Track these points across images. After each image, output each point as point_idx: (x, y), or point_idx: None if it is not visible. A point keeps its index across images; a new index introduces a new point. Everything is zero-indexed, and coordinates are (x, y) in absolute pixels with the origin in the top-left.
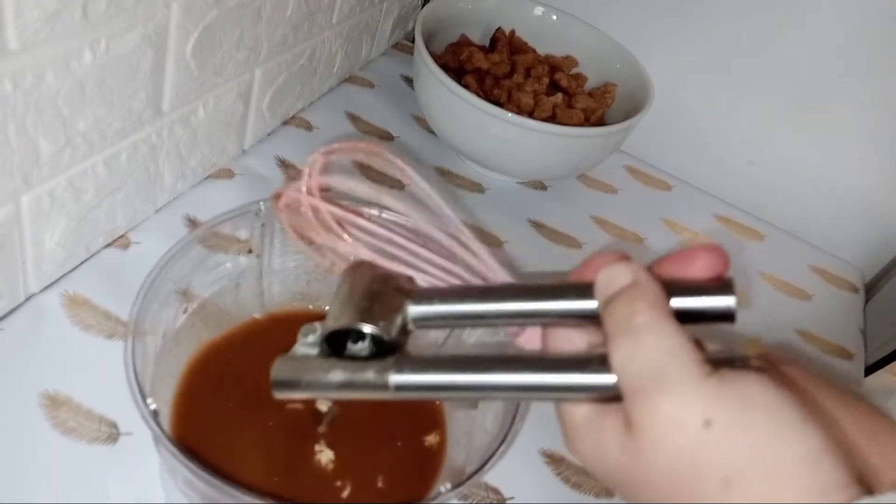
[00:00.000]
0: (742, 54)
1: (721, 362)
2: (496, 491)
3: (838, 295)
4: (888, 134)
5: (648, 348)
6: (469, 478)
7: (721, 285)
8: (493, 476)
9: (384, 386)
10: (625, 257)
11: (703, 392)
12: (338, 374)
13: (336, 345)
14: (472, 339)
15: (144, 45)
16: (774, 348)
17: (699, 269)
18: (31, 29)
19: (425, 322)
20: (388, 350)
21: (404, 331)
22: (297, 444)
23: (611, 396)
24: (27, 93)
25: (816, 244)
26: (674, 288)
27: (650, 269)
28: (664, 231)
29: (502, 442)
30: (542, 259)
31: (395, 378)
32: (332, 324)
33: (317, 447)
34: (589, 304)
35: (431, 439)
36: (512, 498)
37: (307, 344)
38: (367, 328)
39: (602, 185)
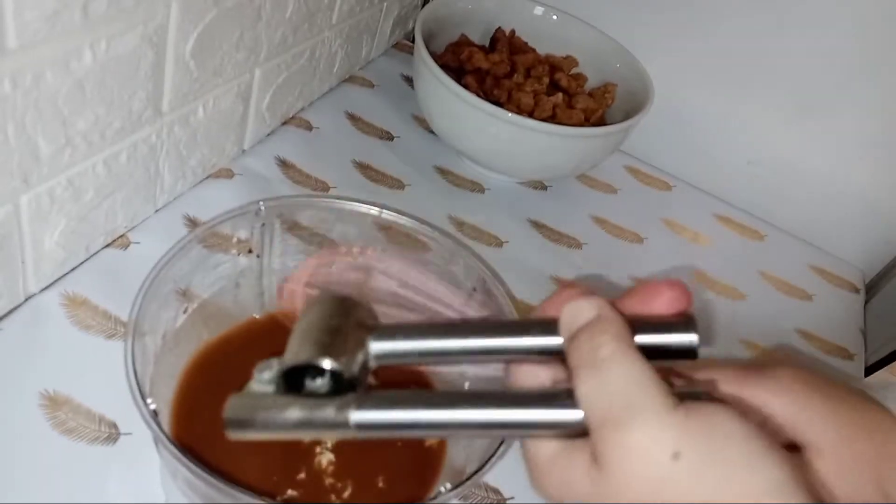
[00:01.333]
0: (742, 54)
1: (684, 396)
2: (496, 491)
3: (838, 295)
4: (888, 134)
5: (614, 380)
6: (469, 478)
7: (684, 321)
8: (493, 476)
9: (344, 424)
10: (588, 293)
11: (670, 423)
12: (295, 412)
13: (294, 382)
14: (471, 372)
15: (144, 46)
16: (775, 349)
17: (662, 304)
18: (30, 29)
19: (387, 358)
20: (348, 387)
21: (365, 367)
22: (296, 443)
23: (577, 432)
24: (27, 92)
25: (817, 244)
26: (637, 324)
27: (613, 304)
28: (664, 231)
29: (502, 442)
30: (542, 259)
31: (356, 416)
32: (290, 359)
33: (317, 448)
34: (554, 340)
35: (431, 440)
36: (512, 498)
37: (263, 381)
38: (327, 363)
39: (602, 185)
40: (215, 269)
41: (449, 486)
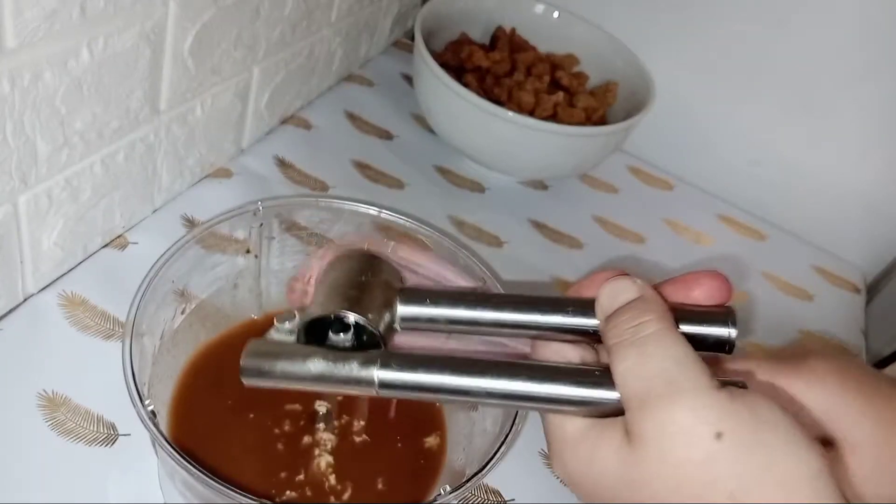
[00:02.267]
0: (744, 53)
1: (723, 383)
2: (496, 493)
3: (840, 295)
4: (891, 134)
5: (657, 357)
6: (469, 480)
7: (723, 314)
8: (494, 478)
9: (367, 381)
10: (626, 275)
11: (714, 403)
12: (317, 364)
13: (315, 335)
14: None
15: (142, 44)
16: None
17: (701, 294)
18: (29, 28)
19: (414, 323)
20: (370, 345)
21: (391, 328)
22: (295, 444)
23: (607, 411)
24: (25, 92)
25: (818, 244)
26: (675, 311)
27: (653, 288)
28: (665, 231)
29: (502, 443)
30: (543, 259)
31: (381, 374)
32: (315, 310)
33: (316, 450)
34: (587, 321)
35: (431, 441)
36: (512, 499)
37: (283, 331)
38: (354, 317)
39: (603, 185)
40: (213, 270)
41: (449, 487)
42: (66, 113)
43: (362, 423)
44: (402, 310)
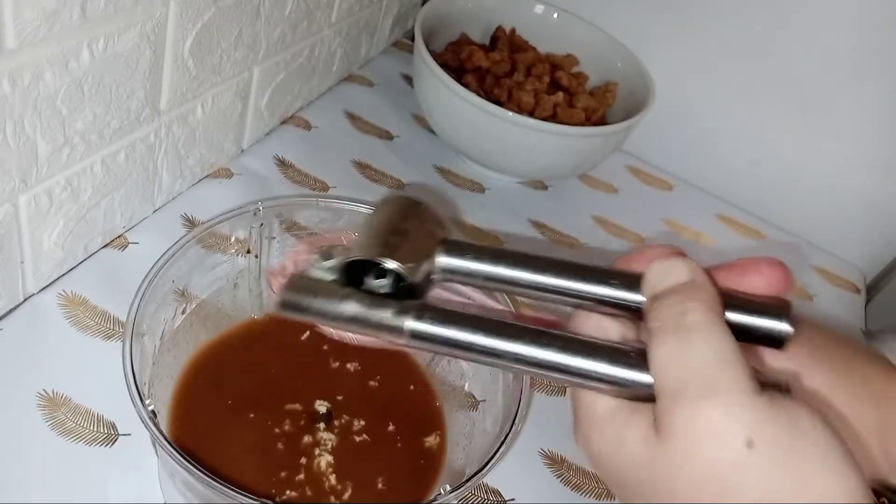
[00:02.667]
0: (744, 54)
1: (766, 385)
2: (496, 492)
3: (840, 295)
4: (890, 134)
5: (697, 350)
6: (469, 479)
7: (778, 307)
8: (493, 477)
9: (399, 329)
10: (681, 253)
11: (751, 407)
12: (352, 306)
13: (353, 277)
14: None
15: (143, 44)
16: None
17: (758, 283)
18: (29, 28)
19: (452, 275)
20: (407, 295)
21: (428, 278)
22: (295, 444)
23: (640, 395)
24: (25, 92)
25: (818, 244)
26: (727, 298)
27: (707, 272)
28: (665, 231)
29: (502, 443)
30: None
31: (414, 324)
32: (357, 252)
33: (316, 450)
34: (632, 296)
35: (431, 441)
36: (512, 499)
37: (323, 268)
38: (393, 264)
39: (603, 185)
40: (213, 270)
41: (448, 487)
42: (66, 113)
43: (362, 422)
44: (443, 260)
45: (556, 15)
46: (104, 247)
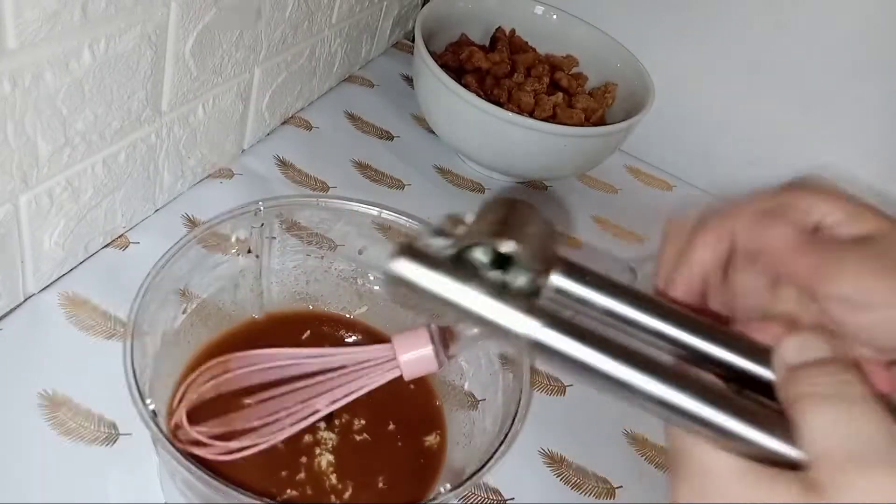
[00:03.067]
0: (744, 53)
1: None
2: (496, 491)
3: None
4: (891, 133)
5: (866, 421)
6: (469, 478)
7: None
8: (493, 477)
9: (524, 332)
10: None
11: None
12: (478, 290)
13: (464, 261)
14: None
15: (143, 45)
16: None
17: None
18: (30, 28)
19: (562, 296)
20: (515, 296)
21: (537, 291)
22: (296, 443)
23: (765, 458)
24: (26, 92)
25: None
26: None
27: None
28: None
29: (502, 442)
30: None
31: (541, 332)
32: (491, 240)
33: (317, 449)
34: (750, 365)
35: (431, 440)
36: (512, 498)
37: (438, 245)
38: (525, 263)
39: (603, 185)
40: (214, 270)
41: (448, 486)
42: (67, 113)
43: (363, 421)
44: (559, 280)
45: (555, 16)
46: (105, 247)
